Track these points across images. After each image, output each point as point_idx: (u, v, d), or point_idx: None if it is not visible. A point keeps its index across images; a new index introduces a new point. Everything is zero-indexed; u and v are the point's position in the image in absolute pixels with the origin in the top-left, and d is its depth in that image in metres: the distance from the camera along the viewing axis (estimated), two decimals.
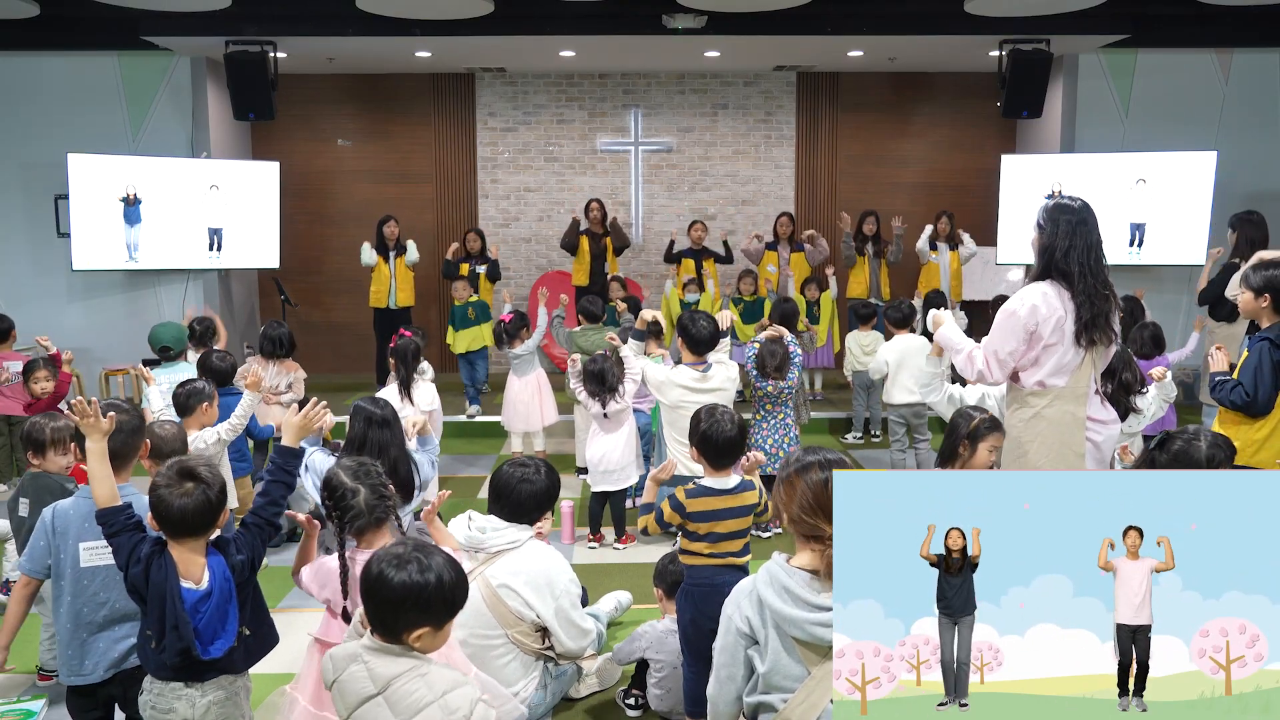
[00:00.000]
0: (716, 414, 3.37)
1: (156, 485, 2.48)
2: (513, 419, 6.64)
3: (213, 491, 2.49)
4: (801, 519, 2.27)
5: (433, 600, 2.08)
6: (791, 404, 5.56)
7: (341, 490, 2.88)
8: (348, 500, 2.86)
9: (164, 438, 3.57)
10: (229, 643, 2.53)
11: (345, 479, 2.89)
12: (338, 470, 2.93)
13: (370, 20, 7.78)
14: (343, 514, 2.86)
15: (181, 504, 2.45)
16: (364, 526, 2.88)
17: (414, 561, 2.10)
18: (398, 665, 2.09)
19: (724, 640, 2.42)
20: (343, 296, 10.09)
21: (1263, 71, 9.17)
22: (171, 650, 2.46)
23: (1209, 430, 3.20)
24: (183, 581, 2.49)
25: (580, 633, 3.45)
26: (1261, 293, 3.86)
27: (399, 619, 2.08)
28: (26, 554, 2.96)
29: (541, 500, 3.46)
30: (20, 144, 8.91)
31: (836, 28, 8.16)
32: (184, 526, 2.48)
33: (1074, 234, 3.24)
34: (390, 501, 2.92)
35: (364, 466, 2.95)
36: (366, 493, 2.87)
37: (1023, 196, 8.55)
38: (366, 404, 4.40)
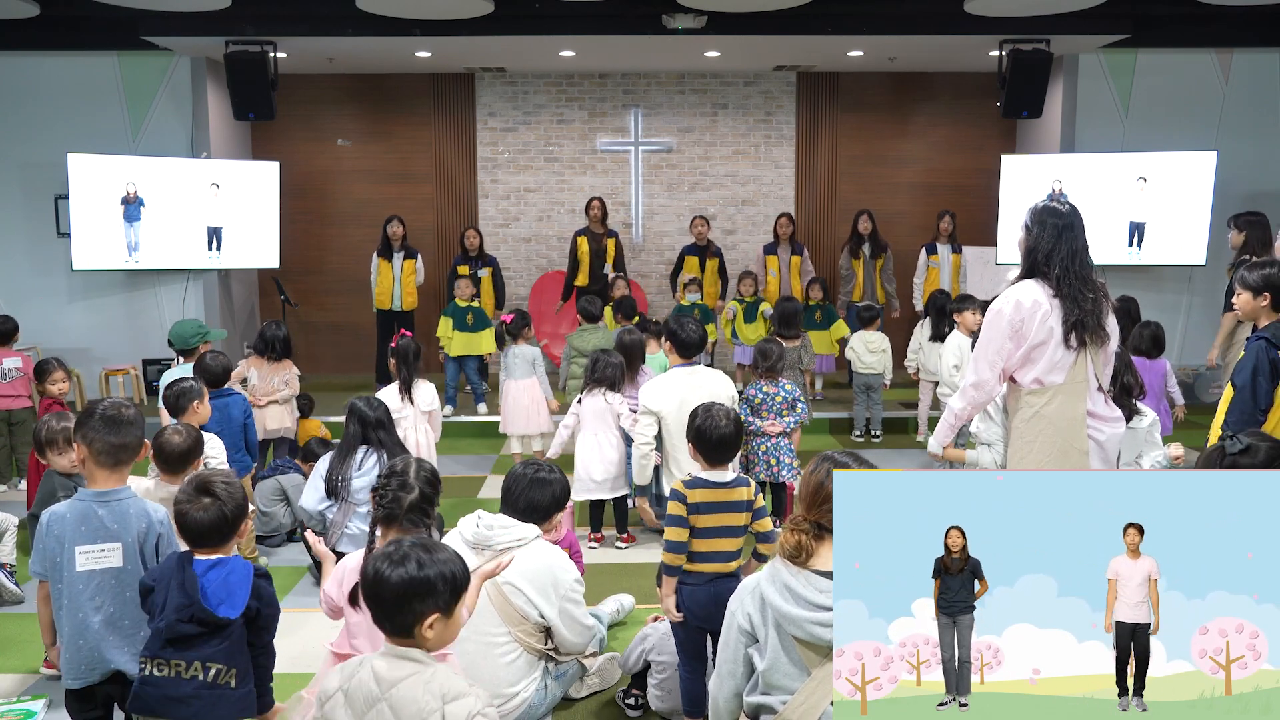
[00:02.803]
0: (713, 411, 3.38)
1: (179, 500, 2.68)
2: (511, 422, 6.64)
3: (229, 507, 2.67)
4: (817, 522, 2.35)
5: (435, 584, 2.09)
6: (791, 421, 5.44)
7: (401, 480, 3.00)
8: (398, 491, 2.98)
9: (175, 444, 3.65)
10: (235, 613, 2.61)
11: (410, 472, 3.03)
12: (408, 462, 3.07)
13: (370, 20, 7.78)
14: (385, 497, 2.98)
15: (198, 518, 2.65)
16: (395, 518, 2.97)
17: (411, 555, 2.11)
18: (403, 668, 2.09)
19: (726, 636, 2.44)
20: (343, 296, 10.08)
21: (1263, 71, 9.17)
22: (173, 605, 2.55)
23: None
24: (195, 554, 2.65)
25: (584, 629, 3.49)
26: (1260, 291, 3.85)
27: (407, 610, 2.08)
28: (33, 556, 2.98)
29: (551, 503, 3.50)
30: (20, 144, 8.91)
31: (836, 28, 8.16)
32: (202, 538, 2.67)
33: (1059, 238, 3.28)
34: (430, 520, 3.02)
35: (428, 473, 3.07)
36: (417, 496, 2.99)
37: (1023, 196, 8.53)
38: (361, 404, 4.45)
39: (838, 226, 10.09)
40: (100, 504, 2.90)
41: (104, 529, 2.88)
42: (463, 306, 8.08)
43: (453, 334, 8.03)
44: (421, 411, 5.57)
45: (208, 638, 2.57)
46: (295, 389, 6.26)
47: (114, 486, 2.93)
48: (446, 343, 8.06)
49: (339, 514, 4.64)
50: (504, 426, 6.71)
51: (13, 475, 6.56)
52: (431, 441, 5.61)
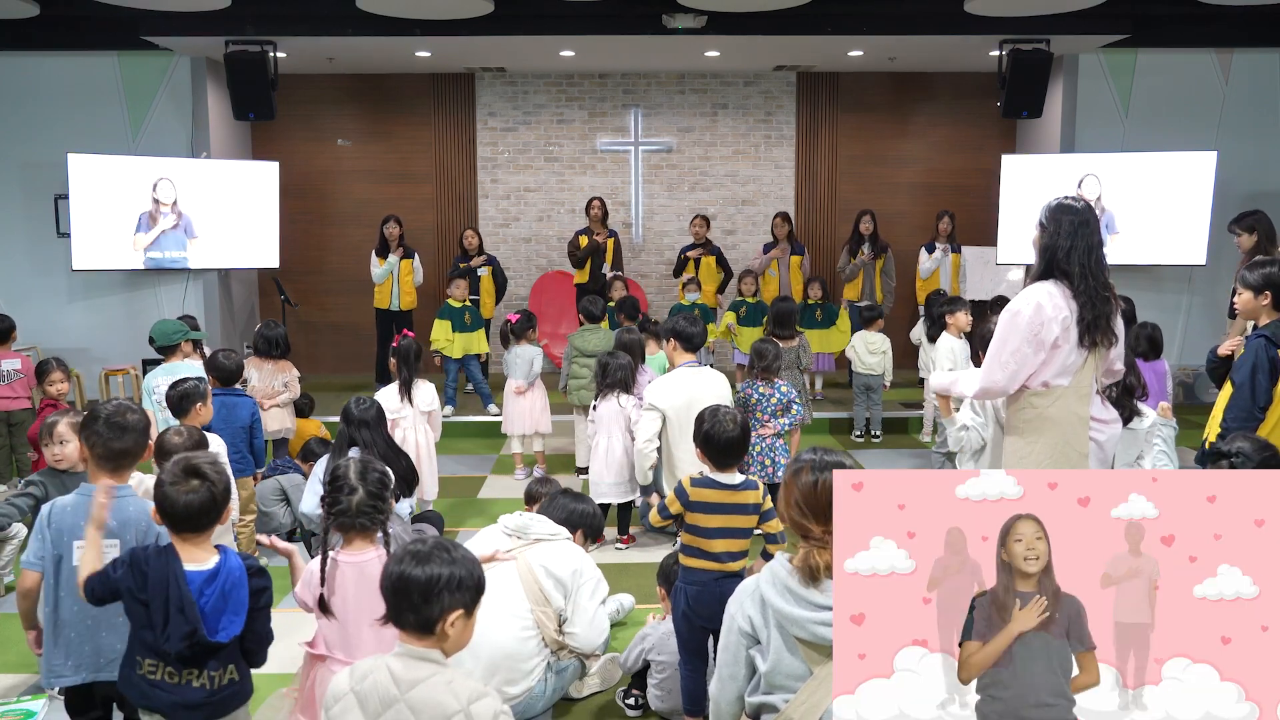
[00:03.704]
0: (719, 414, 3.39)
1: (162, 481, 2.52)
2: (512, 423, 6.64)
3: (218, 489, 2.53)
4: (792, 519, 2.34)
5: (464, 579, 2.09)
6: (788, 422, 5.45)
7: (342, 484, 2.86)
8: (343, 495, 2.84)
9: (177, 445, 3.63)
10: (236, 629, 2.52)
11: (351, 474, 2.87)
12: (348, 464, 2.91)
13: (370, 20, 7.78)
14: (333, 505, 2.85)
15: (186, 500, 2.48)
16: (348, 526, 2.86)
17: (438, 551, 2.11)
18: (422, 670, 2.08)
19: (726, 639, 2.43)
20: (343, 296, 10.08)
21: (1263, 71, 9.17)
22: (176, 635, 2.44)
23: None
24: (186, 565, 2.50)
25: (597, 627, 3.60)
26: (1261, 290, 3.85)
27: (435, 603, 2.06)
28: (30, 547, 2.96)
29: (583, 524, 3.96)
30: (20, 144, 8.91)
31: (836, 28, 8.16)
32: (188, 522, 2.51)
33: (1075, 234, 3.22)
34: (383, 516, 2.88)
35: (372, 470, 2.92)
36: (363, 496, 2.84)
37: (1023, 196, 8.54)
38: (351, 404, 4.49)
39: (838, 226, 10.09)
40: None
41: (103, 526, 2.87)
42: (458, 307, 8.06)
43: (453, 336, 8.01)
44: (421, 412, 5.57)
45: (215, 650, 2.53)
46: (296, 392, 6.25)
47: (115, 484, 2.92)
48: (445, 346, 7.99)
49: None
50: (505, 426, 6.72)
51: (12, 475, 6.56)
52: (431, 442, 5.60)
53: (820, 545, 2.26)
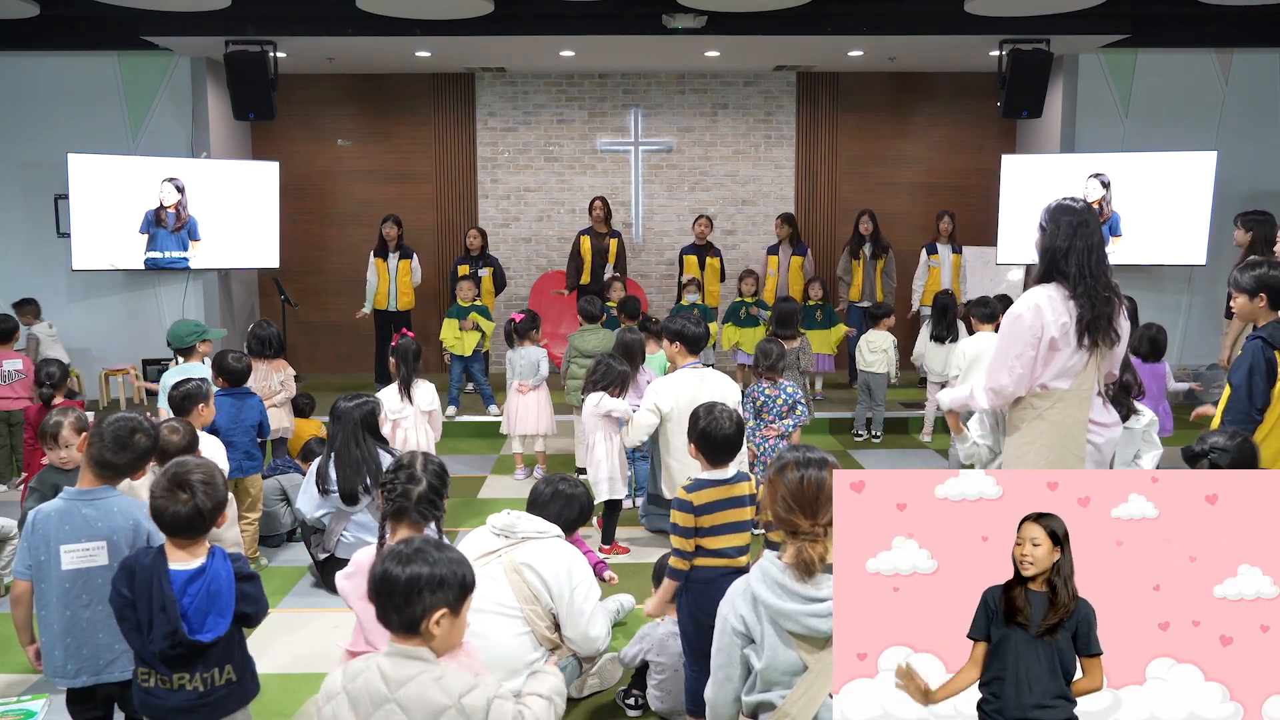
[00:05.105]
0: (715, 411, 3.40)
1: (154, 494, 2.58)
2: (513, 423, 6.64)
3: (204, 504, 2.56)
4: (779, 516, 2.33)
5: (446, 578, 2.09)
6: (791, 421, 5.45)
7: (409, 473, 2.96)
8: (406, 484, 2.94)
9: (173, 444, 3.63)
10: (221, 630, 2.52)
11: (417, 465, 2.99)
12: (415, 455, 3.03)
13: (370, 20, 7.78)
14: (393, 490, 2.93)
15: (174, 511, 2.54)
16: (403, 514, 2.93)
17: (422, 551, 2.12)
18: (410, 668, 2.08)
19: (720, 641, 2.44)
20: (342, 296, 10.07)
21: (1263, 71, 9.17)
22: (159, 633, 2.47)
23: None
24: (171, 564, 2.52)
25: (591, 630, 3.41)
26: (1256, 293, 3.83)
27: (417, 603, 2.07)
28: (18, 556, 2.96)
29: (574, 515, 3.78)
30: (20, 144, 8.91)
31: (836, 28, 8.16)
32: (177, 531, 2.58)
33: (1075, 235, 3.23)
34: (440, 512, 2.99)
35: (436, 466, 3.03)
36: (425, 488, 2.95)
37: (1023, 197, 8.54)
38: (340, 400, 4.56)
39: (838, 227, 10.09)
40: (85, 503, 2.90)
41: (89, 528, 2.87)
42: (466, 306, 8.08)
43: (460, 335, 8.03)
44: (421, 411, 5.58)
45: (201, 651, 2.53)
46: (292, 390, 6.27)
47: (100, 486, 2.94)
48: (455, 344, 8.04)
49: (333, 521, 4.66)
50: (506, 427, 6.71)
51: (13, 475, 6.56)
52: (431, 442, 5.61)
53: (810, 539, 2.27)
